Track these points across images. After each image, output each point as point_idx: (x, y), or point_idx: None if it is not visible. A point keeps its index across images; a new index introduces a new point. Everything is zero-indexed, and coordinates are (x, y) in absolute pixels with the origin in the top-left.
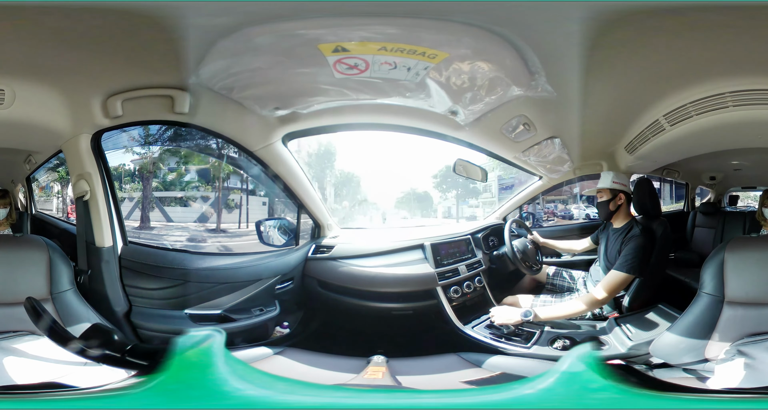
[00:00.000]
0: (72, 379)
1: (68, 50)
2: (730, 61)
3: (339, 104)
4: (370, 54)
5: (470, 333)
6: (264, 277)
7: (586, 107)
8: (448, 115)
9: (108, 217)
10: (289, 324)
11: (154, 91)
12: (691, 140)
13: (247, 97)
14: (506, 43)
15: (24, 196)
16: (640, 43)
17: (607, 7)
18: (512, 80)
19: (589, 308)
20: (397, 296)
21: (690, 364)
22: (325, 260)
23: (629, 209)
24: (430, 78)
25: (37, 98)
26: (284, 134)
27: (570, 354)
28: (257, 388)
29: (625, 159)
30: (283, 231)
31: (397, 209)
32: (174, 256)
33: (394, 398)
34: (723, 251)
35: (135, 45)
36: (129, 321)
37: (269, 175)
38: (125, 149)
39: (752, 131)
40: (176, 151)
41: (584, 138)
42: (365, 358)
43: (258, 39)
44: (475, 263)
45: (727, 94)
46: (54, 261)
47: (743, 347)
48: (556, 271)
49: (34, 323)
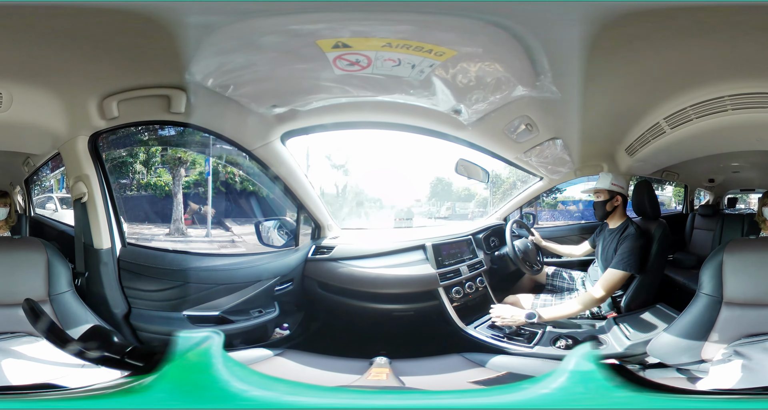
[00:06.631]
0: (70, 381)
1: (63, 52)
2: (729, 65)
3: (339, 102)
4: (373, 50)
5: (473, 334)
6: (263, 278)
7: (587, 109)
8: (451, 114)
9: (106, 219)
10: (288, 325)
11: (150, 92)
12: (691, 143)
13: (244, 95)
14: (516, 43)
15: (23, 198)
16: (641, 46)
17: (608, 9)
18: (518, 80)
19: (587, 307)
20: (398, 297)
21: (686, 364)
22: (326, 261)
23: (625, 210)
24: (435, 76)
25: (33, 101)
26: (283, 132)
27: (574, 353)
28: (257, 389)
29: (625, 161)
30: (283, 232)
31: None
32: (173, 257)
33: (404, 399)
34: (722, 253)
35: (129, 45)
36: (128, 322)
37: (269, 175)
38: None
39: (751, 133)
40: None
41: (585, 140)
42: (367, 360)
43: (253, 35)
44: (476, 263)
45: (727, 97)
46: (52, 263)
47: (740, 347)
48: (555, 271)
49: (32, 324)
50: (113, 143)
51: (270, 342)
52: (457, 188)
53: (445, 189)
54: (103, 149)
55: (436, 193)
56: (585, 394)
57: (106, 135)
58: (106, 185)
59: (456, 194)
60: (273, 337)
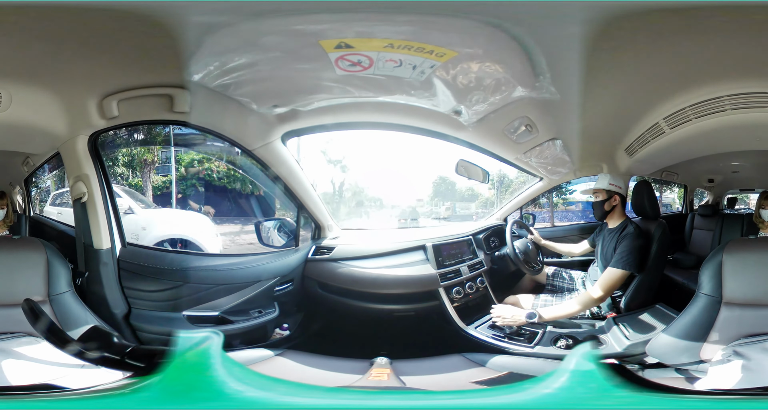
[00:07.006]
0: (70, 382)
1: (63, 52)
2: (727, 65)
3: (340, 102)
4: (375, 51)
5: (473, 334)
6: (263, 278)
7: (587, 110)
8: (451, 114)
9: (106, 219)
10: (288, 325)
11: (150, 91)
12: (690, 143)
13: (245, 95)
14: (516, 44)
15: (22, 198)
16: (640, 46)
17: (607, 10)
18: (518, 81)
19: (587, 306)
20: (399, 297)
21: (686, 364)
22: (326, 262)
23: (623, 210)
24: (436, 76)
25: (33, 100)
26: (283, 132)
27: (574, 352)
28: (257, 390)
29: (624, 161)
30: (283, 232)
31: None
32: (173, 257)
33: (406, 399)
34: (721, 253)
35: (129, 44)
36: (128, 323)
37: (269, 175)
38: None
39: (750, 133)
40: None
41: (585, 140)
42: (368, 360)
43: (256, 34)
44: (477, 263)
45: (726, 97)
46: (52, 263)
47: (740, 347)
48: (555, 271)
49: (32, 325)
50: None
51: (270, 343)
52: (461, 187)
53: (449, 189)
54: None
55: (439, 192)
56: (585, 394)
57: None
58: (106, 184)
59: (459, 194)
60: (273, 337)
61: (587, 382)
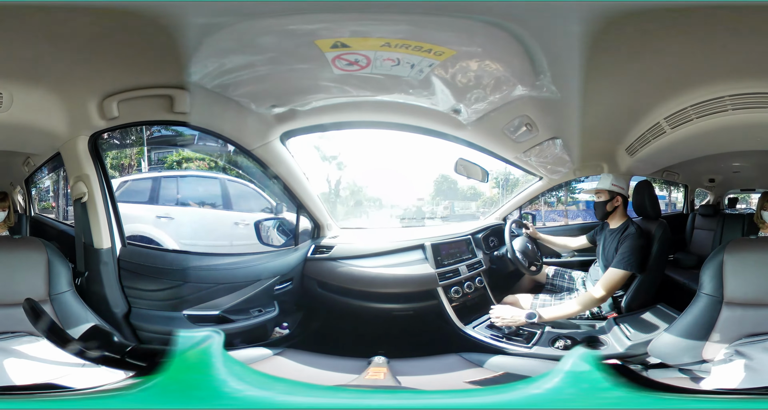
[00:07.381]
0: (70, 381)
1: (63, 52)
2: (729, 65)
3: (338, 101)
4: (372, 50)
5: (471, 333)
6: (263, 278)
7: (587, 109)
8: (450, 113)
9: (106, 218)
10: (288, 324)
11: (150, 92)
12: (691, 143)
13: (243, 95)
14: (516, 42)
15: (23, 198)
16: (641, 46)
17: (608, 9)
18: (518, 80)
19: (587, 306)
20: (397, 296)
21: (688, 364)
22: (325, 261)
23: (625, 210)
24: (434, 75)
25: (34, 101)
26: (282, 132)
27: (572, 353)
28: (257, 389)
29: (625, 161)
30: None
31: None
32: (173, 257)
33: (399, 399)
34: (722, 253)
35: (129, 45)
36: (128, 322)
37: (268, 175)
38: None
39: (751, 133)
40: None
41: (585, 139)
42: (366, 359)
43: (253, 35)
44: (475, 263)
45: (727, 97)
46: (52, 263)
47: (741, 347)
48: (555, 271)
49: (32, 324)
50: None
51: (270, 342)
52: (463, 186)
53: (451, 187)
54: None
55: (441, 191)
56: (579, 394)
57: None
58: (106, 184)
59: (461, 193)
60: (273, 336)
61: (579, 383)
